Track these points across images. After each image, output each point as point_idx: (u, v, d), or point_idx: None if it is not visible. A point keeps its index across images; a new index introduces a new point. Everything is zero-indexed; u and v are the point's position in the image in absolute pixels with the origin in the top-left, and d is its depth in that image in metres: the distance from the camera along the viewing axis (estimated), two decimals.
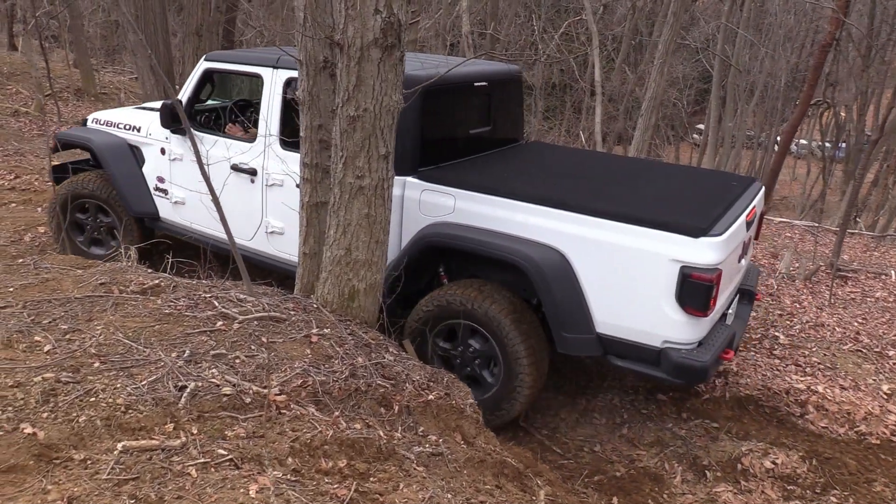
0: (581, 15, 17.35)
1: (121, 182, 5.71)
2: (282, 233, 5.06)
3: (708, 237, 3.68)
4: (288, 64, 4.87)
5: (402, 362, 3.58)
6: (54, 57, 14.55)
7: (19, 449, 2.44)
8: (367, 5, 3.19)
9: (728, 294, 4.31)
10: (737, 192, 4.50)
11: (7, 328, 3.17)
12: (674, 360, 3.74)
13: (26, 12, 14.45)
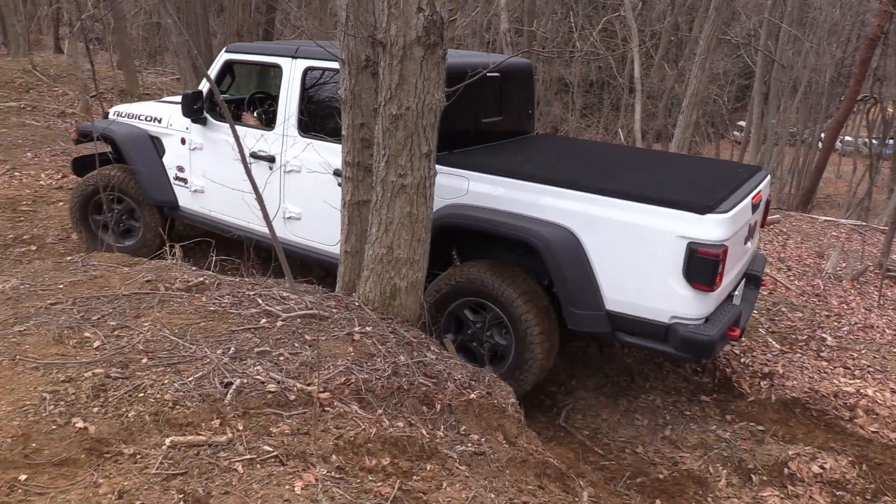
0: (620, 11, 17.18)
1: (141, 171, 5.86)
2: (299, 218, 5.17)
3: (714, 214, 3.77)
4: (306, 54, 5.05)
5: (443, 361, 3.58)
6: (99, 59, 14.86)
7: (71, 443, 2.49)
8: (410, 4, 3.19)
9: (734, 274, 4.36)
10: (743, 177, 4.61)
11: (58, 324, 3.24)
12: (681, 334, 3.83)
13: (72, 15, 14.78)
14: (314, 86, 5.19)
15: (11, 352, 2.97)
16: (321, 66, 5.04)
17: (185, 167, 5.83)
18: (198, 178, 5.76)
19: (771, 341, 5.59)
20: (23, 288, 3.88)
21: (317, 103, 5.18)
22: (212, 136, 5.62)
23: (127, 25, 15.75)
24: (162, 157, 5.94)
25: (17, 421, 2.52)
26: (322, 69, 5.06)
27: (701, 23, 15.54)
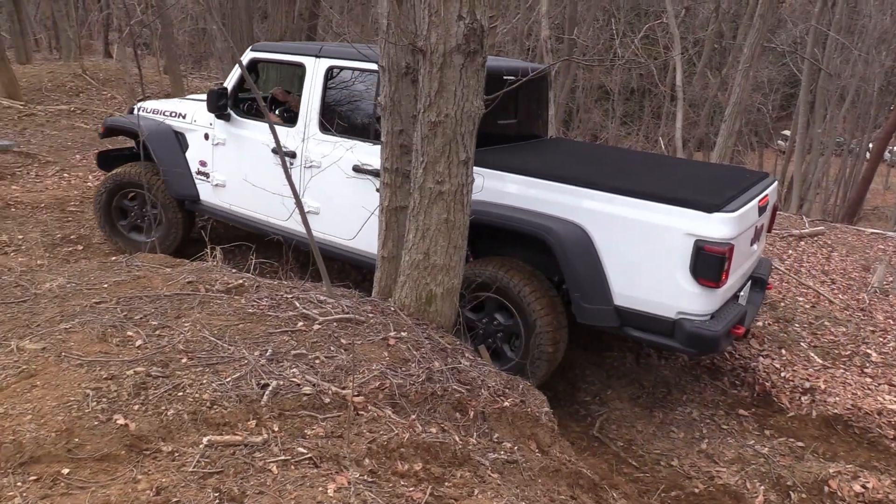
0: (662, 18, 17.02)
1: (165, 165, 6.00)
2: (317, 213, 5.30)
3: (721, 213, 3.89)
4: (329, 53, 5.24)
5: (477, 368, 3.58)
6: (146, 63, 15.22)
7: (112, 439, 2.55)
8: (451, 12, 3.21)
9: (740, 274, 4.46)
10: (751, 181, 4.73)
11: (102, 323, 3.32)
12: (687, 329, 3.93)
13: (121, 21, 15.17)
14: (336, 85, 5.35)
15: (57, 349, 3.06)
16: (343, 66, 5.22)
17: (207, 162, 5.99)
18: (219, 172, 5.92)
19: (813, 356, 5.48)
20: (69, 286, 3.99)
21: (338, 102, 5.34)
22: (234, 132, 5.78)
23: (174, 31, 16.11)
24: (185, 151, 6.11)
25: (61, 416, 2.60)
26: (344, 69, 5.23)
27: (745, 30, 15.33)
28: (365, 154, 5.01)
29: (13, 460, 2.41)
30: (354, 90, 5.31)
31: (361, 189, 4.97)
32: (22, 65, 14.42)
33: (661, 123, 18.20)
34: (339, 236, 5.22)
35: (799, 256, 8.00)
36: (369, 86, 5.15)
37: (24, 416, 2.59)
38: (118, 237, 6.35)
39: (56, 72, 13.46)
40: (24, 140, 9.44)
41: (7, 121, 10.46)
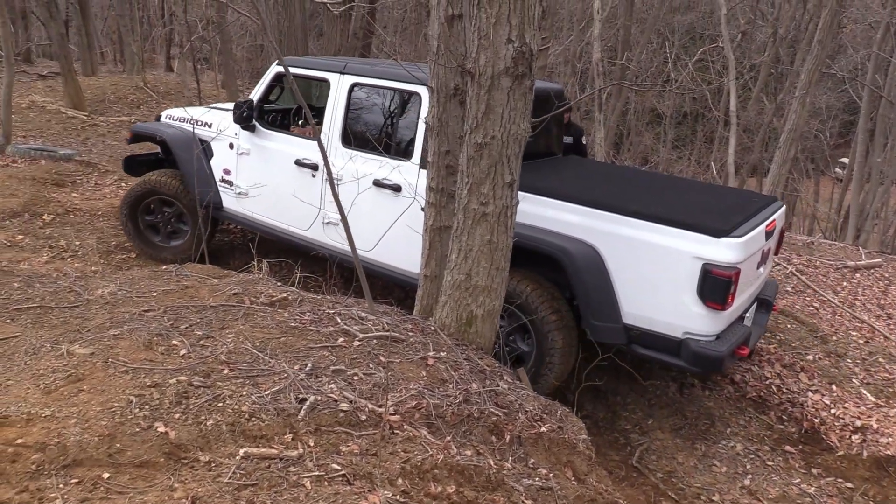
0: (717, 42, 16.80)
1: (189, 172, 6.15)
2: (338, 224, 5.28)
3: (729, 238, 4.00)
4: (353, 70, 5.42)
5: (515, 391, 3.55)
6: (205, 78, 15.63)
7: (152, 446, 2.60)
8: (500, 35, 3.23)
9: (747, 296, 4.56)
10: (758, 205, 4.81)
11: (149, 331, 3.40)
12: (693, 349, 4.05)
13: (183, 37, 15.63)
14: (359, 101, 5.52)
15: (105, 354, 3.14)
16: (366, 83, 5.39)
17: (231, 170, 6.15)
18: (243, 181, 6.07)
19: (865, 393, 5.29)
20: (120, 294, 4.10)
21: (360, 117, 5.52)
22: (259, 142, 5.94)
23: (232, 47, 16.53)
24: (210, 159, 6.27)
25: (104, 421, 2.66)
26: (367, 86, 5.40)
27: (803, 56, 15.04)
28: (385, 169, 5.14)
29: (57, 462, 2.48)
30: (376, 107, 5.52)
31: (381, 202, 5.13)
32: (87, 77, 14.95)
33: (714, 148, 17.90)
34: (359, 248, 5.18)
35: (854, 289, 7.76)
36: (391, 103, 5.37)
37: (70, 419, 2.66)
38: (143, 242, 6.52)
39: (119, 84, 13.90)
40: (85, 149, 9.76)
41: (71, 130, 10.84)
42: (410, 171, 5.05)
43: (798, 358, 5.66)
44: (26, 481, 2.40)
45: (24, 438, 2.54)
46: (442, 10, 3.71)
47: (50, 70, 15.72)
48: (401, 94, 5.29)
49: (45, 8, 12.73)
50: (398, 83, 5.19)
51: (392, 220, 5.12)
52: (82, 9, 16.13)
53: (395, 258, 5.16)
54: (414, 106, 5.18)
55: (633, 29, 16.63)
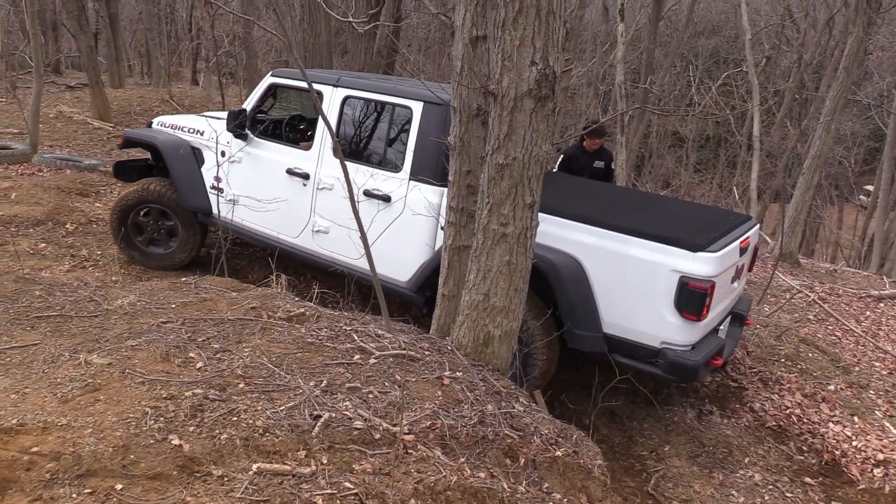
0: (741, 67, 16.76)
1: (180, 178, 6.25)
2: (327, 231, 5.56)
3: (705, 252, 4.20)
4: (346, 84, 5.57)
5: (531, 414, 3.52)
6: (229, 92, 15.82)
7: (166, 458, 2.60)
8: (524, 57, 3.23)
9: (721, 309, 4.75)
10: (734, 223, 5.04)
11: (166, 342, 3.41)
12: (669, 358, 4.23)
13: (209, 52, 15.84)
14: (351, 113, 5.63)
15: (122, 365, 3.15)
16: (358, 97, 5.52)
17: (222, 178, 6.23)
18: (234, 188, 6.16)
19: (888, 426, 5.19)
20: (139, 304, 4.12)
21: (352, 129, 5.66)
22: (251, 151, 6.04)
23: (257, 62, 16.73)
24: (201, 167, 6.35)
25: (119, 432, 2.66)
26: (359, 98, 5.53)
27: (829, 82, 14.94)
28: (375, 179, 5.28)
29: (71, 472, 2.48)
30: (368, 119, 5.64)
31: (369, 212, 5.18)
32: (115, 88, 15.20)
33: (736, 173, 17.81)
34: (347, 255, 5.48)
35: (878, 318, 7.65)
36: (383, 116, 5.50)
37: (86, 429, 2.67)
38: (133, 250, 6.57)
39: (145, 96, 14.12)
40: (110, 160, 9.88)
41: (97, 141, 11.00)
42: (400, 181, 5.19)
43: (819, 388, 5.57)
44: (40, 490, 2.41)
45: (39, 447, 2.55)
46: (466, 31, 3.72)
47: (78, 81, 16.01)
48: (393, 108, 5.41)
49: (75, 20, 12.97)
50: (391, 97, 5.35)
51: (380, 229, 5.23)
52: (112, 22, 16.43)
53: (381, 266, 5.17)
54: (406, 120, 5.29)
55: (656, 52, 16.63)
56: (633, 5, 14.82)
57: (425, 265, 5.04)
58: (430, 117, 5.07)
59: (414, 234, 5.10)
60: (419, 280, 5.09)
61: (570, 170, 7.09)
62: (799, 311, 7.70)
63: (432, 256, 5.01)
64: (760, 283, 8.68)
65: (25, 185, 8.02)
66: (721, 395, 5.42)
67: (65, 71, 19.02)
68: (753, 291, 8.52)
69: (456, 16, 3.79)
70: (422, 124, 5.10)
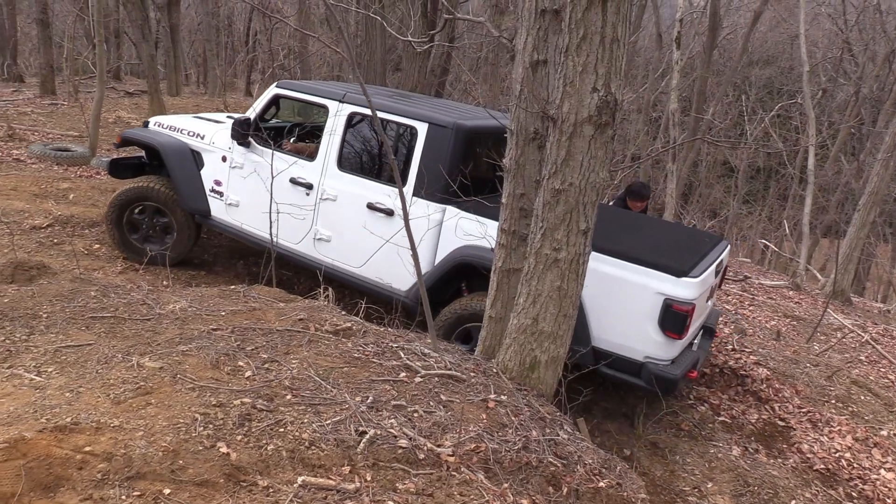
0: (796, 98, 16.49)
1: (180, 179, 6.37)
2: (328, 240, 5.74)
3: (687, 278, 4.55)
4: (352, 100, 5.69)
5: (575, 442, 3.47)
6: None
7: (213, 466, 2.62)
8: (586, 83, 3.22)
9: (697, 325, 5.14)
10: (709, 245, 5.43)
11: (216, 350, 3.46)
12: (652, 371, 4.57)
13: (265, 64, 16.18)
14: (356, 128, 5.80)
15: (174, 370, 3.20)
16: (363, 113, 5.67)
17: (222, 182, 6.34)
18: (234, 193, 6.29)
19: None
20: (190, 310, 4.19)
21: (357, 144, 5.82)
22: (253, 158, 6.16)
23: (311, 76, 17.01)
24: (200, 169, 6.46)
25: (170, 437, 2.70)
26: (364, 115, 5.68)
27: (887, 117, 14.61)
28: (379, 193, 5.46)
29: (121, 473, 2.52)
30: (373, 135, 5.81)
31: (373, 224, 5.44)
32: (171, 97, 15.58)
33: (787, 206, 17.47)
34: (349, 264, 5.69)
35: None
36: (388, 134, 5.67)
37: (137, 431, 2.71)
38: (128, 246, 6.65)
39: (201, 105, 14.43)
40: None
41: None
42: None
43: (871, 432, 5.40)
44: (91, 489, 2.45)
45: (92, 446, 2.60)
46: (527, 55, 3.73)
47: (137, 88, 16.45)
48: (399, 127, 5.61)
49: (138, 29, 13.36)
50: (397, 116, 5.54)
51: (382, 241, 5.44)
52: (172, 32, 16.88)
53: (383, 275, 5.54)
54: (411, 138, 5.51)
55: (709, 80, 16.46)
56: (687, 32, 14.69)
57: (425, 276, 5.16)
58: (434, 138, 5.30)
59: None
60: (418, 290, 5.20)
61: None
62: (850, 351, 7.49)
63: (431, 269, 5.29)
64: (810, 321, 8.48)
65: (83, 187, 8.24)
66: (767, 433, 5.29)
67: (124, 77, 19.57)
68: (802, 328, 8.33)
69: (518, 39, 3.81)
70: (426, 144, 5.32)
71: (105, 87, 10.47)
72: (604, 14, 3.14)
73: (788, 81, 21.29)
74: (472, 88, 13.65)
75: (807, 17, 14.13)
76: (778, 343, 7.42)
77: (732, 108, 19.06)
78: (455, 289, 5.40)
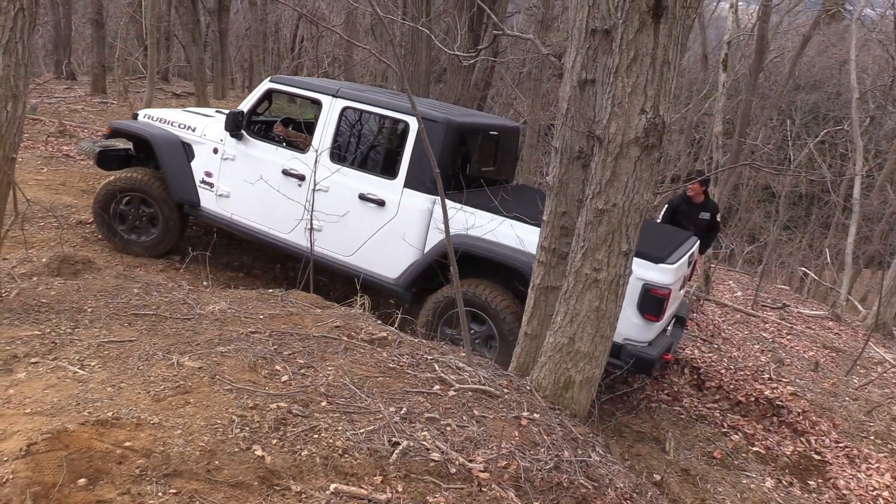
0: (843, 124, 16.21)
1: (170, 170, 6.51)
2: (320, 230, 5.92)
3: (664, 264, 4.91)
4: (345, 95, 5.95)
5: (607, 465, 3.44)
6: None
7: (248, 468, 2.65)
8: (634, 105, 3.21)
9: (671, 311, 5.47)
10: (681, 238, 5.81)
11: (254, 352, 3.50)
12: (630, 352, 4.89)
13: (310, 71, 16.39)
14: (349, 122, 6.05)
15: (212, 370, 3.25)
16: (356, 108, 5.94)
17: (213, 173, 6.48)
18: (225, 184, 6.43)
19: None
20: (230, 312, 4.25)
21: (349, 136, 6.07)
22: (245, 150, 6.34)
23: None
24: (191, 161, 6.58)
25: (207, 437, 2.74)
26: (356, 110, 5.96)
27: None
28: (370, 184, 5.73)
29: (159, 470, 2.56)
30: (365, 129, 6.11)
31: (363, 214, 5.72)
32: (217, 100, 15.84)
33: (830, 234, 17.13)
34: (339, 252, 5.93)
35: None
36: (380, 127, 6.05)
37: (175, 430, 2.76)
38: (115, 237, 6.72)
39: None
40: None
41: None
42: (395, 188, 5.66)
43: None
44: (129, 484, 2.49)
45: (131, 442, 2.65)
46: (575, 74, 3.73)
47: (184, 90, 16.77)
48: (391, 121, 5.90)
49: (189, 32, 13.66)
50: (389, 111, 5.80)
51: (374, 230, 5.71)
52: (221, 36, 17.20)
53: (372, 264, 5.79)
54: (403, 132, 5.79)
55: (753, 103, 16.26)
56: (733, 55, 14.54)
57: (414, 265, 5.59)
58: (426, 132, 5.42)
59: (406, 236, 5.60)
60: (408, 279, 5.61)
61: (674, 221, 7.02)
62: (892, 386, 7.31)
63: (421, 258, 5.58)
64: (850, 353, 8.31)
65: None
66: (802, 466, 5.18)
67: (172, 79, 19.98)
68: (842, 360, 8.15)
69: (566, 58, 3.81)
70: (418, 138, 5.50)
71: (154, 88, 10.70)
72: (656, 36, 3.14)
73: (835, 107, 20.93)
74: (515, 103, 13.66)
75: (857, 42, 13.90)
76: (816, 374, 7.28)
77: (776, 132, 18.79)
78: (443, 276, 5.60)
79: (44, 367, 3.17)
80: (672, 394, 5.93)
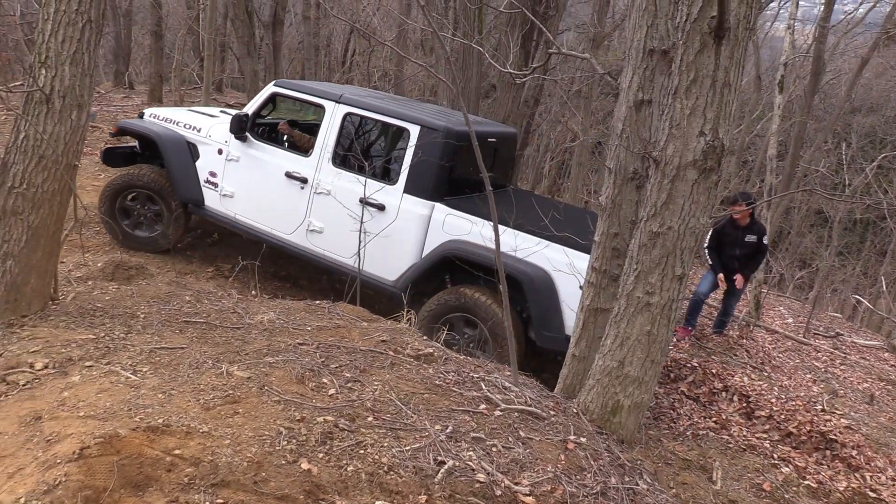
0: None
1: (175, 169, 6.61)
2: (321, 232, 6.07)
3: None
4: (348, 101, 6.07)
5: (654, 494, 3.36)
6: None
7: (294, 481, 2.66)
8: (693, 127, 3.16)
9: None
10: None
11: (302, 364, 3.52)
12: None
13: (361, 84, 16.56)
14: (351, 128, 6.17)
15: (261, 381, 3.27)
16: (358, 114, 6.05)
17: (217, 173, 6.59)
18: (229, 184, 6.55)
19: None
20: (278, 322, 4.29)
21: (351, 142, 6.15)
22: (249, 152, 6.45)
23: None
24: (196, 160, 6.68)
25: (255, 448, 2.75)
26: (358, 116, 6.07)
27: None
28: (371, 189, 5.80)
29: (207, 479, 2.58)
30: (366, 135, 6.25)
31: (365, 218, 5.79)
32: None
33: (885, 261, 16.61)
34: (339, 254, 6.04)
35: None
36: (382, 134, 6.17)
37: (224, 439, 2.78)
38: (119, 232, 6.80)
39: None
40: None
41: None
42: (395, 193, 5.78)
43: None
44: (177, 492, 2.51)
45: (181, 450, 2.67)
46: (632, 94, 3.69)
47: (237, 101, 17.08)
48: (393, 128, 5.97)
49: (244, 45, 13.88)
50: (391, 118, 5.91)
51: (373, 234, 5.80)
52: (275, 49, 17.47)
53: (372, 266, 5.87)
54: (404, 139, 5.86)
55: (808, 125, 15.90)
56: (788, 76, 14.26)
57: (413, 267, 5.72)
58: (425, 139, 5.67)
59: (405, 239, 5.73)
60: (406, 280, 5.73)
61: (721, 244, 6.88)
62: None
63: (419, 260, 5.71)
64: None
65: None
66: (856, 503, 4.99)
67: (225, 90, 20.37)
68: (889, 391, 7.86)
69: (623, 78, 3.77)
70: (417, 144, 5.66)
71: (209, 98, 10.92)
72: (717, 58, 3.08)
73: (893, 131, 20.35)
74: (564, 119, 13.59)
75: None
76: (871, 407, 7.03)
77: (831, 155, 18.35)
78: (440, 280, 5.76)
79: (97, 371, 3.22)
80: (720, 421, 5.77)
